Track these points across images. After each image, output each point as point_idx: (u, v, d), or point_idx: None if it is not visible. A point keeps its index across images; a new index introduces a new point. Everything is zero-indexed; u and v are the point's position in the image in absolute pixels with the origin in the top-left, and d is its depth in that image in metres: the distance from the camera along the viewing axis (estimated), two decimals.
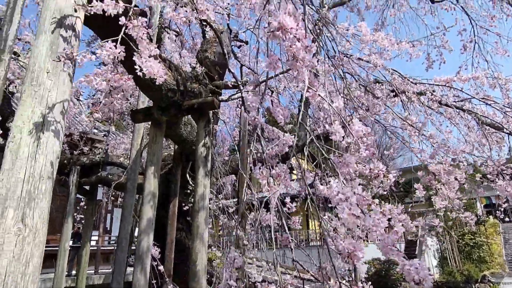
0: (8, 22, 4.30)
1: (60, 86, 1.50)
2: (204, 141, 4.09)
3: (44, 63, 1.49)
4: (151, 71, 1.43)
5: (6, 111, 5.72)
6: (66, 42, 1.57)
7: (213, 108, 4.19)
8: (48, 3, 1.61)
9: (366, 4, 7.81)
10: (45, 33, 1.54)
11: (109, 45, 1.35)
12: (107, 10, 1.48)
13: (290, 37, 1.41)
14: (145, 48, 1.43)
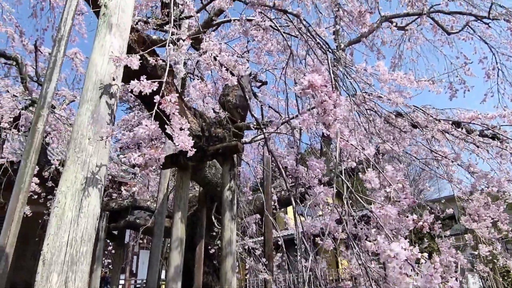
0: (48, 80, 4.69)
1: (100, 151, 1.62)
2: (229, 184, 4.14)
3: (86, 131, 1.62)
4: (182, 145, 1.52)
5: (42, 160, 6.07)
6: (106, 109, 1.71)
7: (237, 152, 4.28)
8: (90, 74, 1.79)
9: (382, 40, 7.96)
10: (87, 102, 1.70)
11: (146, 122, 1.47)
12: (144, 90, 1.62)
13: (321, 94, 1.48)
14: (177, 123, 1.54)
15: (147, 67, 3.77)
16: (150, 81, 1.68)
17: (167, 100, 1.57)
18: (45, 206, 6.17)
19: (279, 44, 4.46)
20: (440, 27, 7.63)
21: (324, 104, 1.50)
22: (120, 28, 1.95)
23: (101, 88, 1.72)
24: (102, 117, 1.68)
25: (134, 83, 1.64)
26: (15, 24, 7.08)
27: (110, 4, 1.97)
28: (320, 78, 1.54)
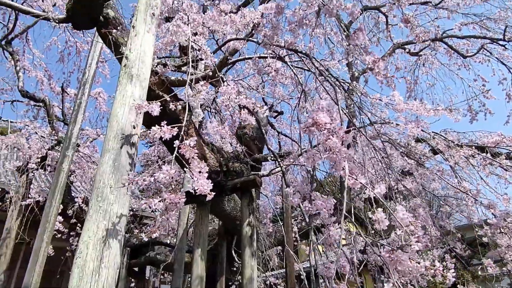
0: (73, 122, 4.93)
1: (121, 199, 1.66)
2: (248, 220, 4.11)
3: (108, 179, 1.67)
4: (201, 189, 1.55)
5: (66, 198, 6.24)
6: (126, 157, 1.77)
7: (255, 186, 4.28)
8: (112, 124, 1.87)
9: (396, 67, 7.96)
10: (109, 152, 1.76)
11: (166, 167, 1.51)
12: (164, 136, 1.68)
13: (325, 132, 1.48)
14: (196, 167, 1.57)
15: (166, 107, 3.91)
16: (170, 126, 1.73)
17: (186, 145, 1.61)
18: (67, 242, 6.27)
19: (292, 78, 4.55)
20: (454, 51, 7.59)
21: (329, 142, 1.50)
22: (140, 78, 2.06)
23: (122, 138, 1.79)
24: (123, 166, 1.74)
25: (155, 130, 1.70)
26: (45, 68, 7.57)
27: (131, 56, 2.10)
28: (325, 115, 1.55)
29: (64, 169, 4.57)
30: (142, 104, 1.83)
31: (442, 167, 4.12)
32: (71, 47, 7.27)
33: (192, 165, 1.57)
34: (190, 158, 1.59)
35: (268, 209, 8.62)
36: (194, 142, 1.63)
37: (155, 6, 2.36)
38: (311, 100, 2.87)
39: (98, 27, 3.89)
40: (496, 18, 6.98)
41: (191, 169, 1.57)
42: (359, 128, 3.70)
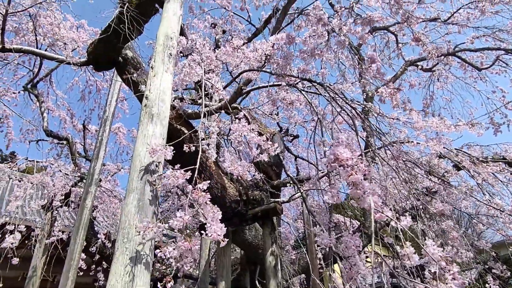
0: (95, 158, 5.07)
1: (145, 238, 1.66)
2: (271, 249, 4.03)
3: (133, 220, 1.69)
4: (215, 236, 1.55)
5: (89, 233, 6.30)
6: (150, 196, 1.79)
7: (276, 214, 4.22)
8: (135, 164, 1.91)
9: (410, 84, 7.91)
10: (133, 191, 1.79)
11: (180, 214, 1.53)
12: (177, 182, 1.72)
13: (347, 169, 1.46)
14: (209, 212, 1.59)
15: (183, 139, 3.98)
16: (184, 170, 1.76)
17: (199, 190, 1.63)
18: (90, 277, 6.27)
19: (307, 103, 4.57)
20: (469, 64, 7.50)
21: (352, 178, 1.48)
22: (160, 116, 2.11)
23: (145, 177, 1.82)
24: (147, 205, 1.76)
25: (169, 175, 1.73)
26: (67, 108, 7.91)
27: (151, 96, 2.17)
28: (345, 151, 1.54)
29: (87, 206, 4.65)
30: (157, 148, 1.88)
31: (470, 184, 3.97)
32: (91, 85, 7.61)
33: (205, 210, 1.58)
34: (202, 203, 1.60)
35: (290, 235, 8.44)
36: (208, 185, 1.64)
37: (171, 46, 2.46)
38: (328, 128, 2.86)
39: (118, 67, 4.07)
40: (509, 30, 6.90)
41: (205, 214, 1.57)
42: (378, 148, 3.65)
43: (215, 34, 6.72)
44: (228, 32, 6.62)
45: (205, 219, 1.58)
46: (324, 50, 2.89)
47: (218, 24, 6.61)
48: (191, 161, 2.08)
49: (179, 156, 2.34)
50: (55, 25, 4.39)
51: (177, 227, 1.51)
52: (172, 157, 2.04)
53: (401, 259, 1.47)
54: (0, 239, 4.66)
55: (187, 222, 1.53)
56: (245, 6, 6.45)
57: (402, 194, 4.31)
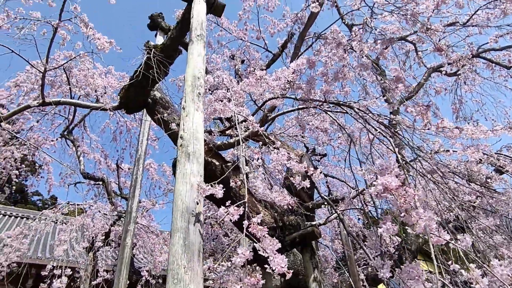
0: (132, 197, 5.23)
1: (195, 279, 1.69)
2: (313, 275, 3.93)
3: (180, 260, 1.72)
4: (279, 269, 1.55)
5: (130, 271, 6.40)
6: (195, 235, 1.83)
7: (314, 238, 4.14)
8: (177, 203, 1.97)
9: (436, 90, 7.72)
10: (178, 231, 1.84)
11: (241, 250, 1.55)
12: (232, 218, 1.76)
13: (399, 198, 1.44)
14: (269, 245, 1.60)
15: (215, 171, 4.06)
16: (235, 206, 1.80)
17: (255, 223, 1.65)
18: None
19: (332, 123, 4.57)
20: (496, 64, 7.27)
21: (405, 206, 1.45)
22: (196, 154, 2.19)
23: (188, 216, 1.87)
24: (193, 244, 1.80)
25: (222, 212, 1.77)
26: (101, 149, 8.30)
27: (185, 135, 2.26)
28: (393, 179, 1.52)
29: (127, 244, 4.76)
30: (205, 187, 1.94)
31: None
32: (122, 126, 7.98)
33: (265, 244, 1.59)
34: (261, 237, 1.62)
35: (329, 258, 8.18)
36: (261, 218, 1.66)
37: (199, 86, 2.57)
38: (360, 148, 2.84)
39: (147, 108, 4.27)
40: None
41: (264, 247, 1.58)
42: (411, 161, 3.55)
43: (233, 66, 6.95)
44: (246, 61, 6.83)
45: (265, 253, 1.60)
46: (347, 73, 2.92)
47: (236, 55, 6.83)
48: (224, 193, 2.14)
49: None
50: (89, 76, 4.72)
51: (239, 264, 1.54)
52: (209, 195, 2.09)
53: (468, 282, 1.40)
54: (48, 284, 4.82)
55: (248, 258, 1.56)
56: (261, 35, 6.66)
57: (443, 205, 4.12)
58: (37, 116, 7.12)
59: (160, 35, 5.72)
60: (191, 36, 2.97)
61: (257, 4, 6.29)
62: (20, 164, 7.02)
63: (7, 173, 6.75)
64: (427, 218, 1.39)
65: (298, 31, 6.90)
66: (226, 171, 4.17)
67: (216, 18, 6.42)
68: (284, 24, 6.78)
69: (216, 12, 3.58)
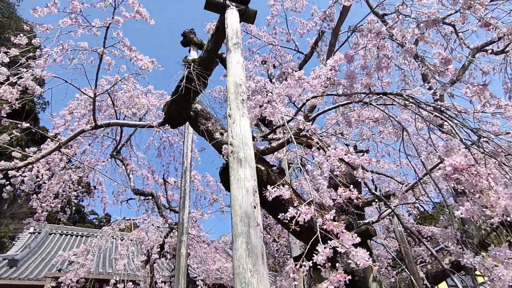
0: (182, 208, 5.40)
1: (263, 282, 1.70)
2: (372, 275, 3.79)
3: (246, 263, 1.74)
4: (364, 262, 1.53)
5: (186, 280, 6.57)
6: (256, 238, 1.85)
7: (369, 236, 4.01)
8: (235, 209, 2.00)
9: (482, 71, 7.22)
10: (240, 236, 1.87)
11: (321, 248, 1.55)
12: (306, 217, 1.76)
13: (472, 177, 1.36)
14: (348, 240, 1.58)
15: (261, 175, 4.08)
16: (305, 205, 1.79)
17: (329, 220, 1.64)
18: None
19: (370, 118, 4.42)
20: None
21: (481, 185, 1.36)
22: (247, 159, 2.22)
23: (248, 220, 1.89)
24: (255, 247, 1.81)
25: (292, 213, 1.78)
26: (147, 166, 8.68)
27: (235, 142, 2.30)
28: (462, 159, 1.43)
29: (182, 254, 4.91)
30: (271, 190, 1.98)
31: None
32: (165, 142, 8.31)
33: (344, 239, 1.57)
34: (339, 232, 1.60)
35: (382, 257, 7.87)
36: (334, 214, 1.65)
37: (242, 92, 2.61)
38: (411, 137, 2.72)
39: (190, 121, 4.41)
40: None
41: (344, 243, 1.57)
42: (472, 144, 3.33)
43: (266, 71, 6.99)
44: (278, 65, 6.84)
45: (343, 248, 1.58)
46: (390, 62, 2.82)
47: (268, 60, 6.88)
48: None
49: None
50: (134, 96, 4.99)
51: (321, 261, 1.54)
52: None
53: None
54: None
55: (328, 255, 1.55)
56: (290, 37, 6.66)
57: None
58: (89, 139, 7.62)
59: (193, 50, 5.90)
60: (227, 45, 3.03)
61: (284, 7, 6.30)
62: (77, 185, 7.53)
63: (67, 195, 7.27)
64: (508, 197, 1.29)
65: (328, 28, 6.82)
66: (272, 175, 4.19)
67: (245, 26, 6.52)
68: (313, 23, 6.73)
69: (249, 19, 3.64)
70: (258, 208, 2.04)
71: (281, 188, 2.36)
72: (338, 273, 1.60)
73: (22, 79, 3.60)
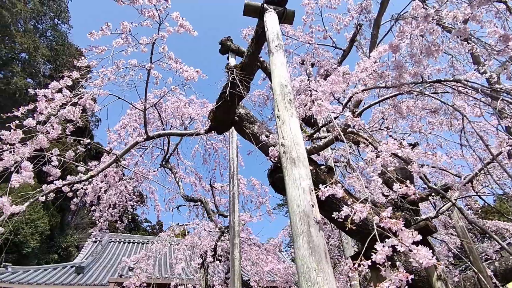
0: (232, 212, 5.50)
1: (328, 280, 1.69)
2: (436, 273, 3.58)
3: (310, 262, 1.74)
4: (428, 261, 1.48)
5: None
6: (318, 237, 1.85)
7: (429, 233, 3.80)
8: (293, 208, 2.01)
9: None
10: (301, 235, 1.87)
11: (379, 246, 1.52)
12: (362, 216, 1.74)
13: None
14: (408, 238, 1.54)
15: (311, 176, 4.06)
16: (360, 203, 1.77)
17: (386, 218, 1.60)
18: None
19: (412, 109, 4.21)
20: None
21: None
22: (300, 158, 2.22)
23: (308, 218, 1.89)
24: (318, 246, 1.81)
25: (347, 211, 1.76)
26: (195, 173, 8.98)
27: (286, 142, 2.32)
28: None
29: (236, 257, 5.00)
30: (324, 189, 1.98)
31: None
32: (209, 149, 8.55)
33: (403, 236, 1.52)
34: (398, 230, 1.56)
35: (441, 255, 7.41)
36: (391, 211, 1.61)
37: (288, 93, 2.63)
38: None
39: (235, 126, 4.51)
40: None
41: (403, 240, 1.52)
42: None
43: (305, 70, 6.94)
44: (317, 63, 6.77)
45: (403, 246, 1.54)
46: (442, 46, 2.68)
47: (306, 60, 6.83)
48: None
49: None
50: (181, 106, 5.21)
51: (380, 260, 1.51)
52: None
53: None
54: None
55: (387, 254, 1.52)
56: (327, 34, 6.56)
57: None
58: (139, 151, 8.06)
59: (231, 57, 6.03)
60: (269, 47, 3.07)
61: (319, 5, 6.23)
62: (132, 195, 8.00)
63: (124, 205, 7.74)
64: None
65: (365, 21, 6.63)
66: (321, 174, 4.14)
67: (281, 28, 6.53)
68: (350, 18, 6.58)
69: (287, 20, 3.65)
70: (316, 206, 2.03)
71: (334, 187, 2.34)
72: (400, 272, 1.55)
73: (82, 99, 3.92)
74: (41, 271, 12.07)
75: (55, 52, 26.18)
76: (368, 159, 2.48)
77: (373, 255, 1.53)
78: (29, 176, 3.66)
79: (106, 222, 7.04)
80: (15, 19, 22.56)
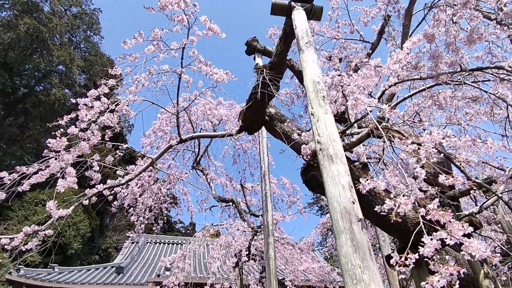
0: (265, 211, 5.52)
1: (374, 278, 1.66)
2: (483, 271, 3.41)
3: (354, 260, 1.72)
4: (481, 254, 1.43)
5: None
6: (360, 234, 1.82)
7: (475, 229, 3.63)
8: (333, 205, 1.99)
9: None
10: (343, 232, 1.85)
11: (427, 240, 1.49)
12: (407, 207, 1.70)
13: None
14: (457, 230, 1.48)
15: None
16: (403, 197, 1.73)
17: (432, 209, 1.56)
18: None
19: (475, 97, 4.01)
20: None
21: None
22: (338, 155, 2.20)
23: (349, 215, 1.87)
24: (361, 243, 1.78)
25: (391, 205, 1.72)
26: (225, 174, 9.09)
27: (322, 139, 2.30)
28: None
29: (271, 256, 5.01)
30: (365, 183, 1.97)
31: None
32: (239, 149, 8.63)
33: (453, 229, 1.47)
34: (446, 222, 1.51)
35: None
36: (438, 203, 1.56)
37: (322, 89, 2.60)
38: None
39: (266, 125, 4.52)
40: None
41: (452, 233, 1.47)
42: None
43: (333, 65, 6.83)
44: (345, 57, 6.64)
45: (453, 239, 1.49)
46: (484, 32, 2.55)
47: (333, 55, 6.72)
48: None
49: None
50: (213, 108, 5.30)
51: (428, 254, 1.47)
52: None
53: None
54: None
55: (436, 247, 1.47)
56: (354, 28, 6.42)
57: None
58: (171, 154, 8.28)
59: (258, 57, 6.05)
60: (299, 45, 3.05)
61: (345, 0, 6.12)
62: (166, 198, 8.23)
63: (158, 207, 7.99)
64: None
65: (394, 11, 6.42)
66: (355, 171, 4.06)
67: None
68: (377, 9, 6.40)
69: (316, 17, 3.62)
70: (357, 203, 2.00)
71: (375, 180, 2.30)
72: (451, 266, 1.49)
73: (118, 106, 4.09)
74: (84, 271, 12.71)
75: (88, 63, 27.53)
76: (410, 151, 2.40)
77: (421, 249, 1.49)
78: (73, 181, 3.88)
79: (143, 225, 7.29)
80: (51, 34, 23.93)
